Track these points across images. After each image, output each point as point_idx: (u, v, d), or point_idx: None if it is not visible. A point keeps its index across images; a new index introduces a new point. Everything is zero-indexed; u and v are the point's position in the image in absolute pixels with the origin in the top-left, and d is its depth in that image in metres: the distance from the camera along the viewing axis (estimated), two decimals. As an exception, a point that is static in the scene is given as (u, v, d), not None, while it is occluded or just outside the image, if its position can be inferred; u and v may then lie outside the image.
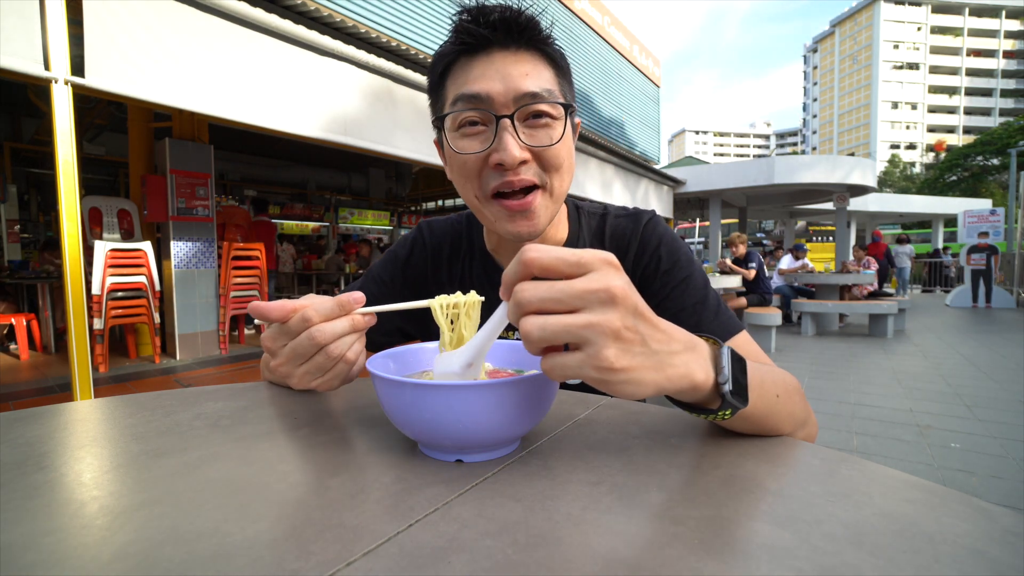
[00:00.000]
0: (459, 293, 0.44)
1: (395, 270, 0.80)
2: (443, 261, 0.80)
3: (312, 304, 0.48)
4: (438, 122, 0.64)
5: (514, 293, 0.33)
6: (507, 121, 0.58)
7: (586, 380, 0.33)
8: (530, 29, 0.60)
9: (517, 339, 0.74)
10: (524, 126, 0.60)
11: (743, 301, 5.79)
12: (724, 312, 0.67)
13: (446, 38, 0.62)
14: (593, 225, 0.77)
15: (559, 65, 0.64)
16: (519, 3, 0.61)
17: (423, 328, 0.80)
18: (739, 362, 0.39)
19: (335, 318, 0.48)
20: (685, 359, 0.35)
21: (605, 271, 0.33)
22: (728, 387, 0.37)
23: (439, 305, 0.43)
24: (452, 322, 0.43)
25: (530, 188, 0.62)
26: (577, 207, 0.80)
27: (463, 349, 0.40)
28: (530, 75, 0.59)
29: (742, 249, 6.19)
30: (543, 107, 0.60)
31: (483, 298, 0.44)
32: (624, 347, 0.32)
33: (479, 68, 0.59)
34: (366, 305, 0.50)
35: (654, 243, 0.71)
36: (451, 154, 0.63)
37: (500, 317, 0.37)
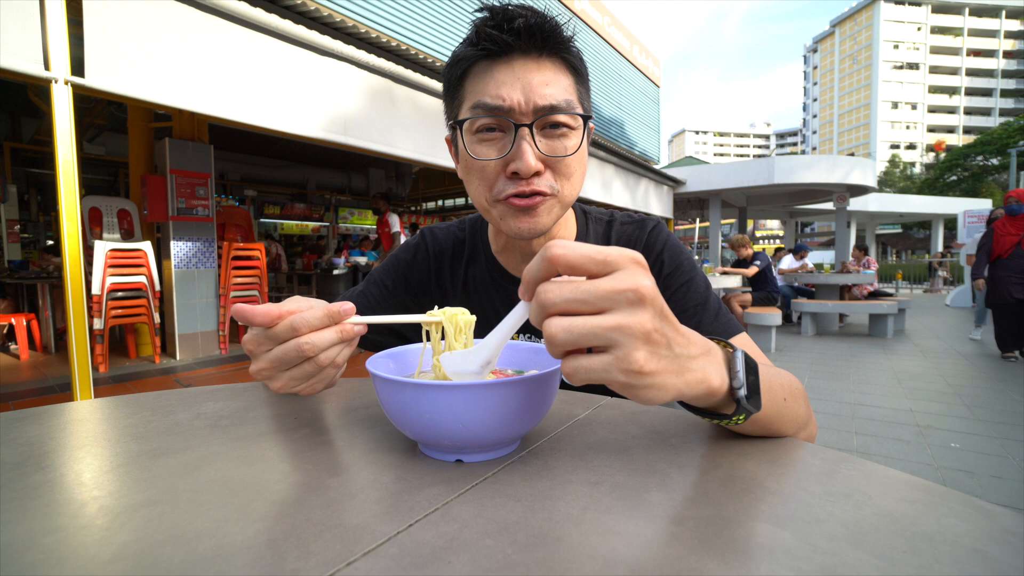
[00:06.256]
0: (448, 309, 0.44)
1: (397, 274, 0.81)
2: (445, 266, 0.81)
3: (300, 312, 0.47)
4: (454, 124, 0.64)
5: (537, 293, 0.32)
6: (525, 130, 0.59)
7: (610, 384, 0.32)
8: (553, 36, 0.59)
9: (522, 340, 0.75)
10: (541, 135, 0.60)
11: (748, 298, 5.79)
12: (724, 315, 0.68)
13: (464, 35, 0.62)
14: (600, 231, 0.78)
15: (578, 72, 0.64)
16: (543, 7, 0.61)
17: (416, 328, 0.80)
18: (751, 367, 0.39)
19: (323, 328, 0.47)
20: (702, 363, 0.35)
21: (632, 270, 0.31)
22: (743, 392, 0.36)
23: (432, 324, 0.44)
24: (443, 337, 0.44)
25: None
26: (585, 212, 0.81)
27: (479, 348, 0.39)
28: (550, 84, 0.59)
29: (746, 252, 6.20)
30: (561, 118, 0.60)
31: (475, 317, 0.45)
32: (653, 350, 0.31)
33: (500, 75, 0.59)
34: (365, 308, 0.50)
35: (658, 248, 0.73)
36: (467, 157, 0.63)
37: (518, 316, 0.36)
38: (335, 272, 5.80)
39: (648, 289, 0.31)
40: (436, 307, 0.46)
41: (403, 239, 5.44)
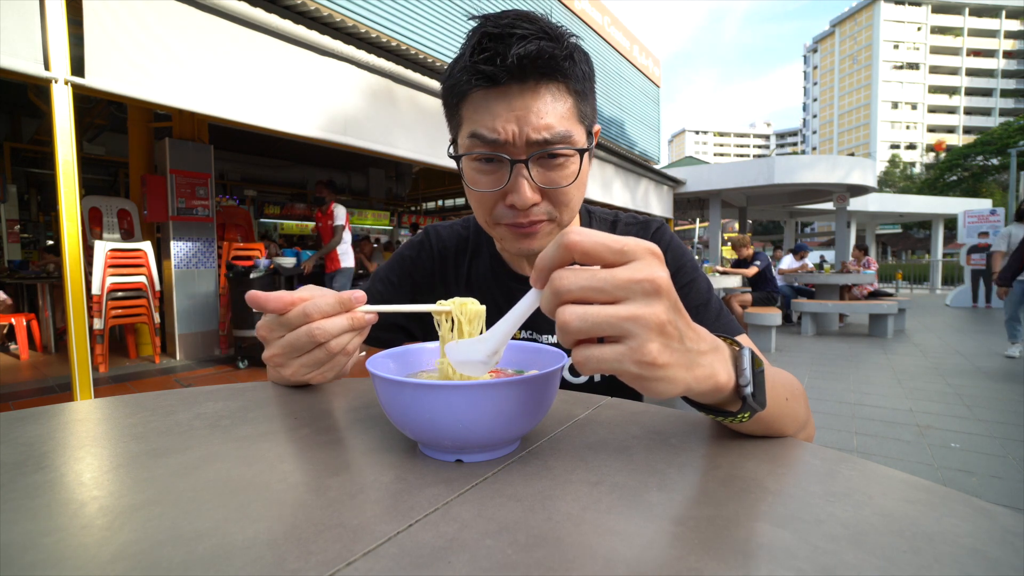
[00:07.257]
0: (457, 299, 0.44)
1: (402, 272, 0.82)
2: (450, 263, 0.81)
3: (312, 299, 0.48)
4: (455, 156, 0.64)
5: (552, 280, 0.31)
6: (521, 165, 0.58)
7: (621, 375, 0.31)
8: (550, 64, 0.56)
9: (522, 339, 0.75)
10: (538, 166, 0.60)
11: (748, 297, 5.80)
12: (725, 316, 0.69)
13: (464, 36, 0.60)
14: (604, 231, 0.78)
15: (580, 92, 0.61)
16: (547, 11, 0.59)
17: (425, 325, 0.81)
18: (758, 365, 0.39)
19: (335, 315, 0.48)
20: (711, 359, 0.35)
21: (649, 261, 0.31)
22: (749, 390, 0.36)
23: (442, 313, 0.43)
24: (452, 327, 0.43)
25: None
26: (589, 212, 0.81)
27: (487, 336, 0.39)
28: (547, 115, 0.57)
29: (747, 252, 6.21)
30: (557, 151, 0.59)
31: (484, 306, 0.45)
32: (666, 342, 0.31)
33: (495, 106, 0.57)
34: (370, 304, 0.50)
35: (661, 249, 0.72)
36: (466, 183, 0.64)
37: (528, 305, 0.35)
38: (252, 276, 4.28)
39: (664, 281, 0.31)
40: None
41: (347, 234, 4.71)
